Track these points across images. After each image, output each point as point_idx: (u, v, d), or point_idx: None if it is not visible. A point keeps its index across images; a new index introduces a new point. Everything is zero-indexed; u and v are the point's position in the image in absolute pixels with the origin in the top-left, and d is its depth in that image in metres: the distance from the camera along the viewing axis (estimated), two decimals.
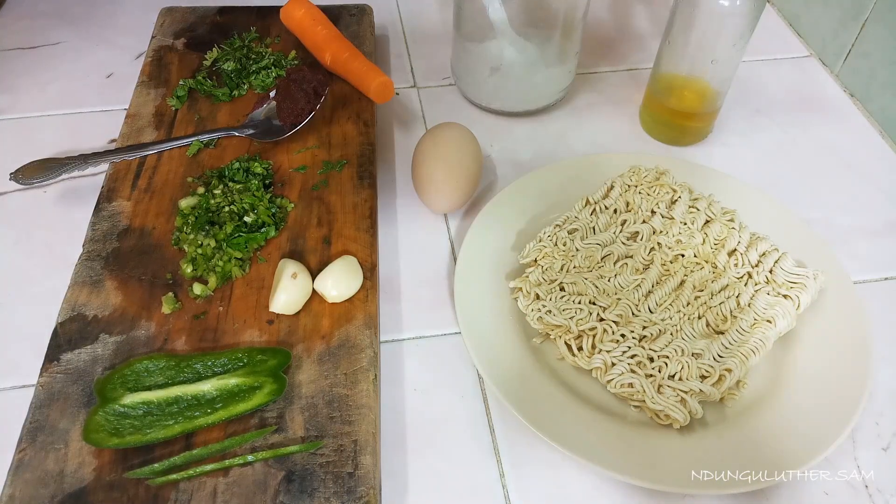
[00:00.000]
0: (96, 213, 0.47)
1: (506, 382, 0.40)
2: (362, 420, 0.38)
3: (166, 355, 0.39)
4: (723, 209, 0.49)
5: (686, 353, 0.41)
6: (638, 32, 0.70)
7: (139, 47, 0.64)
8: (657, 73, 0.56)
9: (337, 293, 0.43)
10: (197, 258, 0.44)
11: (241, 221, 0.46)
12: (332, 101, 0.56)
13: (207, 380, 0.38)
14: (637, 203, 0.49)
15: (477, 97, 0.60)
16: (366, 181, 0.50)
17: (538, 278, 0.45)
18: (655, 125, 0.58)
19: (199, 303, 0.43)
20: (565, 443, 0.38)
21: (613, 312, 0.42)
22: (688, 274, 0.45)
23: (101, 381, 0.38)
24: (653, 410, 0.40)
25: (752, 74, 0.65)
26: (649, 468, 0.37)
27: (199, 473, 0.35)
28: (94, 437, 0.36)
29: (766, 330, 0.42)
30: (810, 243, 0.48)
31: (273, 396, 0.38)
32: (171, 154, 0.51)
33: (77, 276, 0.44)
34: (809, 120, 0.61)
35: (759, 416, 0.40)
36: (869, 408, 0.42)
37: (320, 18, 0.59)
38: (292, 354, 0.40)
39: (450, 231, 0.52)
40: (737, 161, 0.57)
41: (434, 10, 0.71)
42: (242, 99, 0.56)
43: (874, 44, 0.60)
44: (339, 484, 0.35)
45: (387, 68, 0.65)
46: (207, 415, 0.37)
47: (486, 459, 0.40)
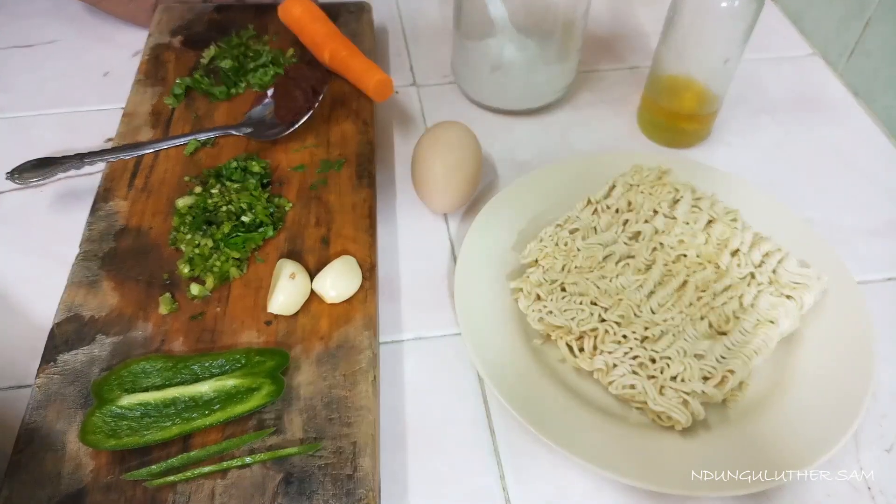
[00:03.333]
0: (93, 212, 0.47)
1: (506, 384, 0.40)
2: (361, 422, 0.37)
3: (164, 356, 0.39)
4: (725, 209, 0.48)
5: (688, 354, 0.41)
6: (640, 30, 0.69)
7: (136, 45, 0.64)
8: (655, 75, 0.55)
9: (336, 294, 0.42)
10: (194, 258, 0.44)
11: (239, 221, 0.45)
12: (331, 99, 0.55)
13: (205, 381, 0.38)
14: (639, 203, 0.49)
15: (477, 95, 0.60)
16: (365, 180, 0.50)
17: (539, 279, 0.44)
18: (653, 128, 0.58)
19: (196, 303, 0.42)
20: (566, 444, 0.37)
21: (615, 313, 0.42)
22: (690, 274, 0.45)
23: (98, 383, 0.38)
24: (655, 412, 0.39)
25: (754, 73, 0.65)
26: (651, 470, 0.37)
27: (196, 475, 0.35)
28: (91, 439, 0.36)
29: (769, 331, 0.42)
30: (813, 243, 0.47)
31: (271, 398, 0.37)
32: (168, 153, 0.51)
33: (73, 277, 0.43)
34: (812, 119, 0.61)
35: (761, 417, 0.40)
36: (872, 409, 0.42)
37: (319, 16, 0.59)
38: (290, 356, 0.40)
39: (450, 231, 0.51)
40: (739, 160, 0.57)
41: (434, 8, 0.71)
42: (240, 97, 0.56)
43: (878, 42, 0.60)
44: (338, 486, 0.35)
45: (386, 66, 0.64)
46: (205, 416, 0.37)
47: (486, 461, 0.40)
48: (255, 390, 0.38)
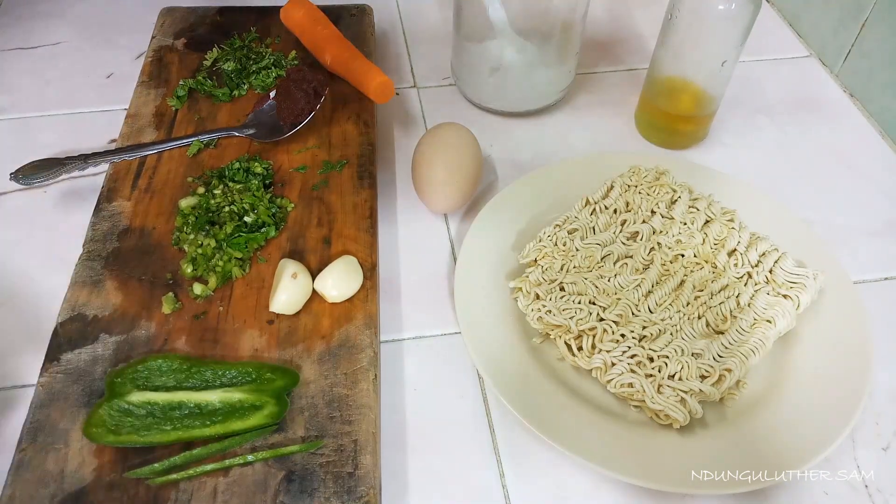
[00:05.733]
0: (96, 213, 0.47)
1: (506, 382, 0.40)
2: (362, 420, 0.38)
3: (181, 357, 0.39)
4: (722, 209, 0.49)
5: (686, 352, 0.41)
6: (638, 32, 0.70)
7: (139, 47, 0.64)
8: (652, 77, 0.56)
9: (337, 293, 0.43)
10: (197, 258, 0.44)
11: (242, 221, 0.46)
12: (332, 101, 0.56)
13: (214, 390, 0.38)
14: (637, 203, 0.49)
15: (477, 97, 0.60)
16: (366, 181, 0.50)
17: (538, 278, 0.45)
18: (651, 129, 0.58)
19: (199, 303, 0.43)
20: (565, 442, 0.38)
21: (613, 312, 0.42)
22: (688, 274, 0.45)
23: (113, 374, 0.38)
24: (652, 410, 0.40)
25: (751, 75, 0.65)
26: (649, 468, 0.37)
27: (199, 473, 0.35)
28: (93, 432, 0.36)
29: (766, 330, 0.42)
30: (810, 243, 0.48)
31: (272, 420, 0.37)
32: (171, 154, 0.51)
33: (77, 276, 0.44)
34: (809, 120, 0.61)
35: (758, 415, 0.40)
36: (869, 407, 0.42)
37: (320, 18, 0.59)
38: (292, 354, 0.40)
39: (450, 231, 0.52)
40: (736, 161, 0.57)
41: (434, 10, 0.72)
42: (242, 99, 0.56)
43: (874, 44, 0.60)
44: (339, 484, 0.35)
45: (387, 68, 0.65)
46: (205, 426, 0.37)
47: (486, 459, 0.40)
48: (257, 409, 0.37)
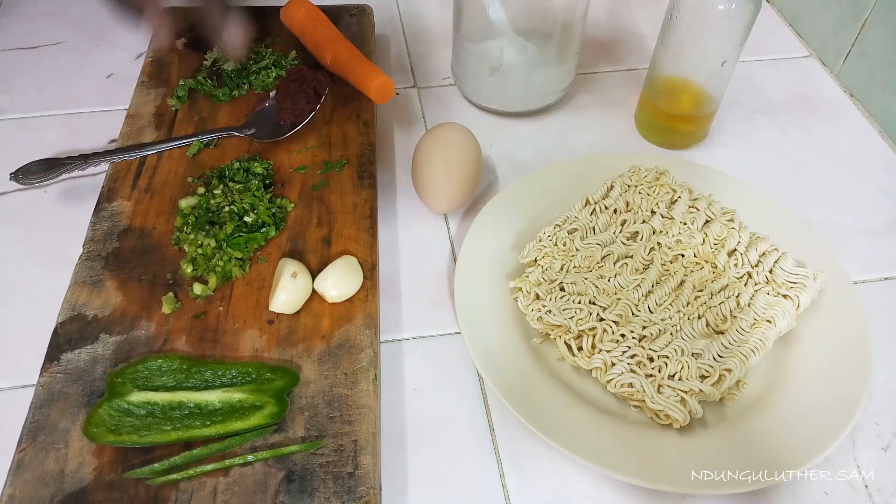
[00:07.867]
0: (96, 213, 0.47)
1: (506, 382, 0.40)
2: (362, 420, 0.38)
3: (181, 357, 0.39)
4: (722, 209, 0.49)
5: (686, 352, 0.41)
6: (638, 32, 0.70)
7: (139, 47, 0.64)
8: (652, 77, 0.56)
9: (337, 293, 0.43)
10: (197, 258, 0.44)
11: (242, 221, 0.46)
12: (332, 101, 0.56)
13: (214, 390, 0.38)
14: (637, 203, 0.49)
15: (477, 97, 0.60)
16: (366, 181, 0.50)
17: (538, 278, 0.45)
18: (651, 129, 0.58)
19: (199, 303, 0.43)
20: (565, 443, 0.38)
21: (613, 312, 0.42)
22: (688, 274, 0.45)
23: (113, 374, 0.38)
24: (652, 410, 0.40)
25: (751, 74, 0.65)
26: (649, 468, 0.37)
27: (199, 473, 0.35)
28: (92, 432, 0.36)
29: (766, 330, 0.42)
30: (810, 243, 0.48)
31: (272, 420, 0.37)
32: (171, 154, 0.51)
33: (77, 276, 0.44)
34: (809, 120, 0.61)
35: (758, 415, 0.40)
36: (869, 407, 0.42)
37: (320, 18, 0.59)
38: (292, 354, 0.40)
39: (450, 231, 0.52)
40: (736, 161, 0.57)
41: (434, 10, 0.72)
42: (242, 99, 0.56)
43: (874, 44, 0.60)
44: (339, 484, 0.35)
45: (387, 68, 0.65)
46: (205, 426, 0.37)
47: (486, 459, 0.40)
48: (258, 408, 0.37)
